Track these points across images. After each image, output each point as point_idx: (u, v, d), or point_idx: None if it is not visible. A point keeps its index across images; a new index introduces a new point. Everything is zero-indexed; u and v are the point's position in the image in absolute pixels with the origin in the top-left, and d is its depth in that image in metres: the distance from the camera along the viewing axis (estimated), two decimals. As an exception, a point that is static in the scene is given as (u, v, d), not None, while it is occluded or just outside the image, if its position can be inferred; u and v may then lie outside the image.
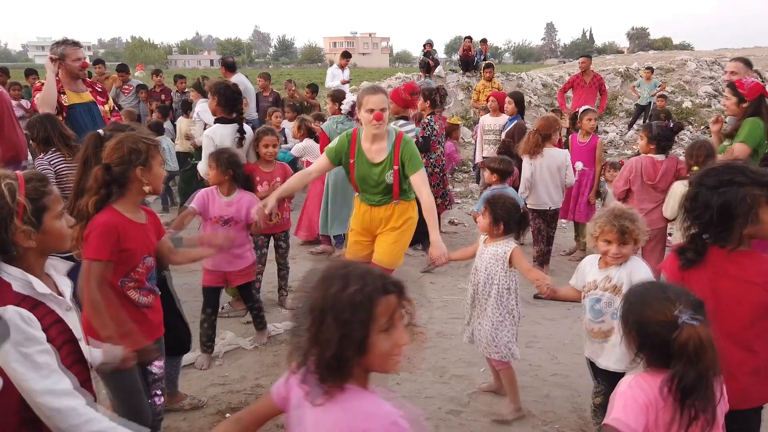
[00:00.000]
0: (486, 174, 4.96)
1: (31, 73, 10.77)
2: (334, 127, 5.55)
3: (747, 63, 4.92)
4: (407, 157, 3.53)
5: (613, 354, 2.62)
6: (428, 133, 5.98)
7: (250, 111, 9.12)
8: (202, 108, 6.66)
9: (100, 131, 2.57)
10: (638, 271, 2.62)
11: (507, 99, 6.54)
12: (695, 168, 3.74)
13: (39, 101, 4.48)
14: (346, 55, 11.57)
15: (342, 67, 11.19)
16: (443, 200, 6.28)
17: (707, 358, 1.51)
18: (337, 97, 6.07)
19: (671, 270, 2.15)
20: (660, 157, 4.44)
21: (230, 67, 9.01)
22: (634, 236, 2.58)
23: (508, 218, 3.07)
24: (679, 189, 3.92)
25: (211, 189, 3.85)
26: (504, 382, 3.23)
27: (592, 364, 2.84)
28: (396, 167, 3.54)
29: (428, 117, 6.05)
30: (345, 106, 5.73)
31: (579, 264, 2.92)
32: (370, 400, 1.33)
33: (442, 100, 7.21)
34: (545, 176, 5.21)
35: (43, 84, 4.58)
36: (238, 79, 9.06)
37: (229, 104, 4.42)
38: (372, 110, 3.42)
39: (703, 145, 4.08)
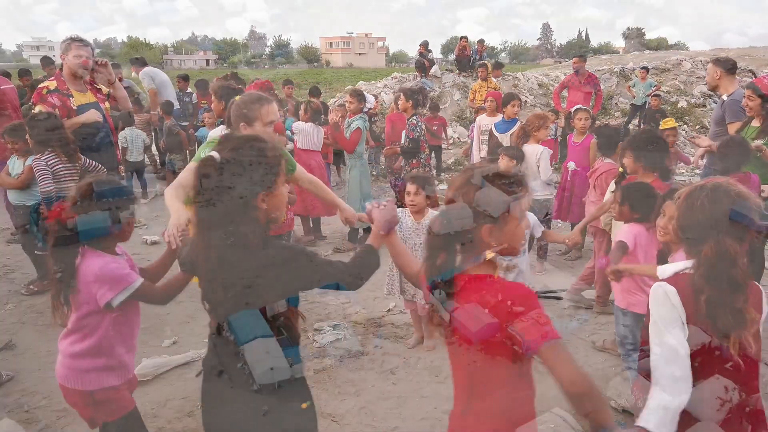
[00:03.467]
0: (504, 162, 5.14)
1: (25, 73, 10.39)
2: (365, 124, 6.21)
3: (717, 63, 4.82)
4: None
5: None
6: (417, 134, 6.00)
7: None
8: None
9: None
10: None
11: (512, 101, 6.50)
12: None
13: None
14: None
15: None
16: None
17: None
18: (362, 96, 6.37)
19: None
20: (605, 160, 4.88)
21: (141, 63, 9.55)
22: None
23: None
24: (607, 195, 4.26)
25: None
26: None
27: None
28: None
29: (414, 118, 6.07)
30: (369, 105, 6.17)
31: None
32: None
33: (425, 101, 7.28)
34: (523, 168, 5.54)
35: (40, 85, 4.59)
36: (147, 72, 9.27)
37: None
38: (273, 122, 3.02)
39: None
